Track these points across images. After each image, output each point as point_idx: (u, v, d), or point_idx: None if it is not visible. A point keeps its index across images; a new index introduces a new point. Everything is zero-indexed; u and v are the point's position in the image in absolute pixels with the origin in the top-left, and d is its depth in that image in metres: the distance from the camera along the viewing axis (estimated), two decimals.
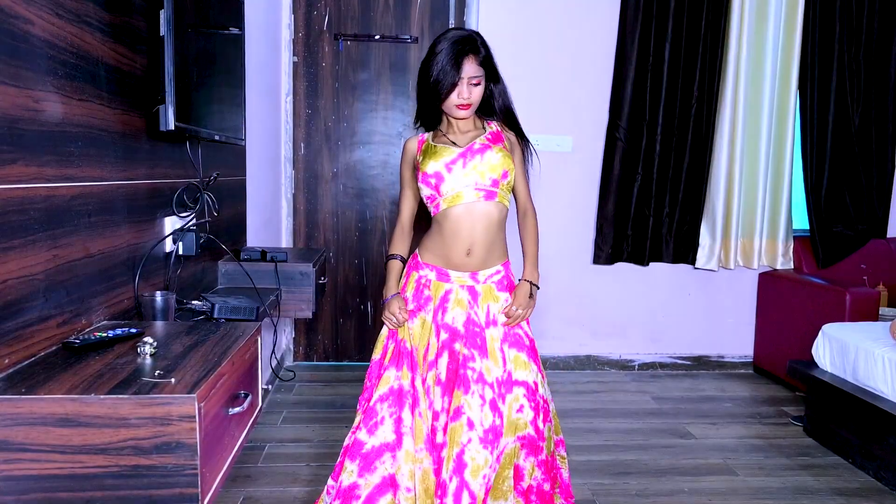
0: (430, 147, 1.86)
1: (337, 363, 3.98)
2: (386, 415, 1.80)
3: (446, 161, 1.80)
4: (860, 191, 3.91)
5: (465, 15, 3.80)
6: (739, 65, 3.73)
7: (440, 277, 1.85)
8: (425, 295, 1.86)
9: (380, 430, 1.79)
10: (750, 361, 4.07)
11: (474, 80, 1.77)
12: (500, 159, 1.81)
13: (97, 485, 1.14)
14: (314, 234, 3.90)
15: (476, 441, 1.71)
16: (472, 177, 1.79)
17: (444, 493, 1.70)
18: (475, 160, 1.80)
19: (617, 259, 3.89)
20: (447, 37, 1.77)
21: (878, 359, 2.68)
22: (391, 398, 1.81)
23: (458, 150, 1.81)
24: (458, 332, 1.81)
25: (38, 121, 1.34)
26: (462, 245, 1.82)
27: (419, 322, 1.85)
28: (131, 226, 1.77)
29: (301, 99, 3.81)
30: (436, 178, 1.80)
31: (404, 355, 1.84)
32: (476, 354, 1.78)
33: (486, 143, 1.82)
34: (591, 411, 3.32)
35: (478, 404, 1.74)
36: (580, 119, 3.82)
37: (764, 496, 2.49)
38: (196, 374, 1.23)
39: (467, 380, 1.76)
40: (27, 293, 1.30)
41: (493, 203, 1.82)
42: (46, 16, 1.36)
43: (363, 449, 1.78)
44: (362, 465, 1.77)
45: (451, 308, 1.83)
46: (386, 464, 1.77)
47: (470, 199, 1.80)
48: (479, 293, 1.84)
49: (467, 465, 1.71)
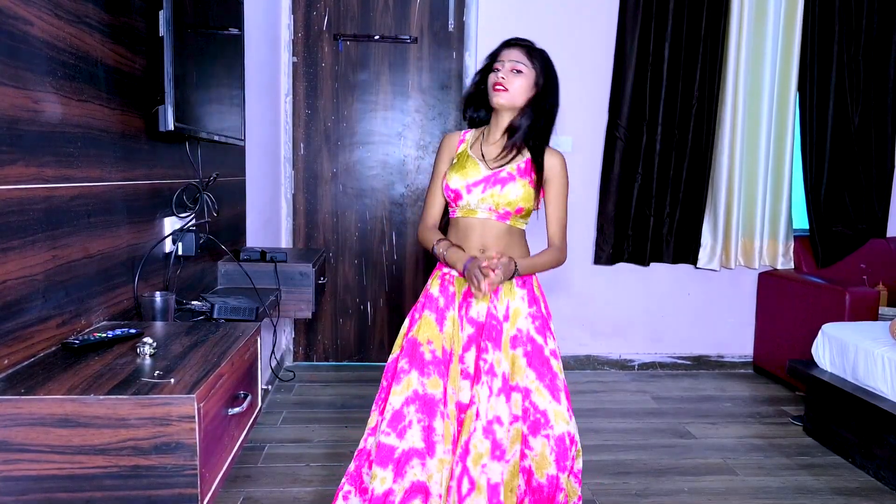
0: (465, 155, 1.88)
1: (337, 363, 3.98)
2: (414, 419, 1.75)
3: (468, 182, 1.83)
4: (860, 190, 3.91)
5: (464, 15, 3.80)
6: (739, 64, 3.73)
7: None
8: (450, 291, 1.86)
9: (409, 434, 1.74)
10: (750, 361, 4.07)
11: (517, 65, 1.79)
12: (519, 196, 1.81)
13: (96, 485, 1.14)
14: (314, 234, 3.90)
15: (479, 430, 1.72)
16: (487, 202, 1.82)
17: (451, 477, 1.73)
18: (495, 189, 1.81)
19: (618, 259, 3.89)
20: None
21: (878, 358, 2.68)
22: (418, 403, 1.76)
23: (484, 174, 1.82)
24: (480, 325, 1.82)
25: (37, 121, 1.34)
26: (475, 245, 1.85)
27: (450, 322, 1.83)
28: (131, 226, 1.77)
29: (300, 99, 3.81)
30: (454, 194, 1.85)
31: (433, 363, 1.79)
32: (490, 346, 1.78)
33: (513, 175, 1.82)
34: (591, 411, 3.32)
35: (485, 395, 1.74)
36: (580, 119, 3.82)
37: (764, 496, 2.49)
38: (195, 375, 1.23)
39: (479, 371, 1.77)
40: (27, 294, 1.30)
41: (506, 224, 1.85)
42: (46, 16, 1.36)
43: (395, 454, 1.73)
44: (396, 470, 1.72)
45: (476, 303, 1.83)
46: (415, 469, 1.73)
47: (483, 216, 1.84)
48: (500, 288, 1.83)
49: (470, 453, 1.72)
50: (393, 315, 3.96)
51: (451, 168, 1.87)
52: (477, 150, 1.88)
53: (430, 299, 1.87)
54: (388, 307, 3.96)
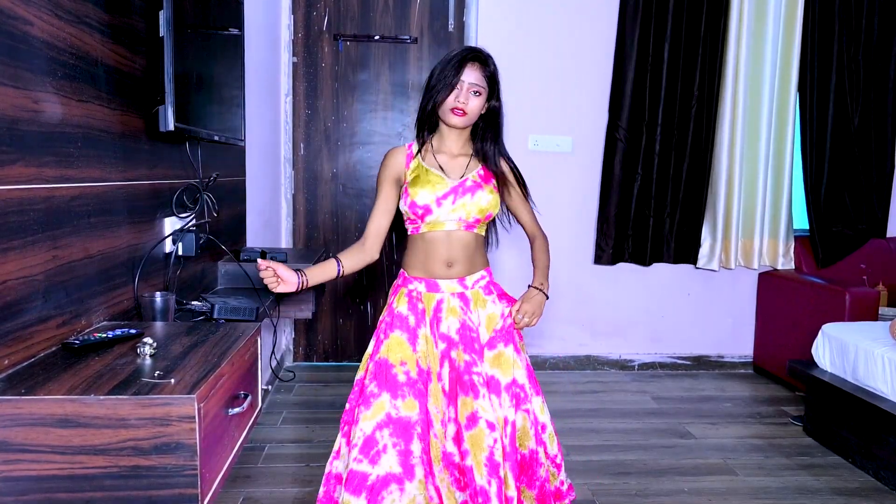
0: (422, 169, 1.81)
1: (337, 363, 3.98)
2: (388, 443, 1.71)
3: (437, 195, 1.77)
4: (860, 191, 3.91)
5: (464, 15, 3.80)
6: (739, 65, 3.73)
7: (430, 288, 1.83)
8: (419, 308, 1.82)
9: (383, 459, 1.70)
10: (750, 361, 4.07)
11: (475, 87, 1.75)
12: (489, 202, 1.80)
13: (97, 485, 1.14)
14: (314, 234, 3.90)
15: (499, 441, 1.72)
16: (458, 213, 1.79)
17: (488, 498, 1.68)
18: (465, 198, 1.78)
19: (618, 259, 3.89)
20: (460, 47, 1.82)
21: (878, 358, 2.68)
22: (391, 427, 1.72)
23: (451, 185, 1.79)
24: (453, 340, 1.79)
25: (37, 121, 1.34)
26: (441, 260, 1.81)
27: (423, 340, 1.80)
28: (131, 226, 1.77)
29: (300, 99, 3.81)
30: (423, 210, 1.78)
31: (408, 384, 1.76)
32: (477, 359, 1.77)
33: (478, 182, 1.81)
34: (591, 411, 3.32)
35: (489, 406, 1.73)
36: (580, 119, 3.83)
37: (764, 496, 2.49)
38: (196, 375, 1.23)
39: (475, 385, 1.74)
40: (27, 294, 1.30)
41: (472, 232, 1.83)
42: (46, 16, 1.36)
43: (368, 481, 1.69)
44: (370, 498, 1.68)
45: (445, 318, 1.80)
46: (394, 495, 1.70)
47: (451, 228, 1.80)
48: (470, 298, 1.83)
49: (500, 465, 1.70)
50: None
51: (413, 184, 1.79)
52: (432, 163, 1.82)
53: (399, 318, 1.82)
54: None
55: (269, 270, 1.71)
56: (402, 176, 1.83)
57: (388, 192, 1.85)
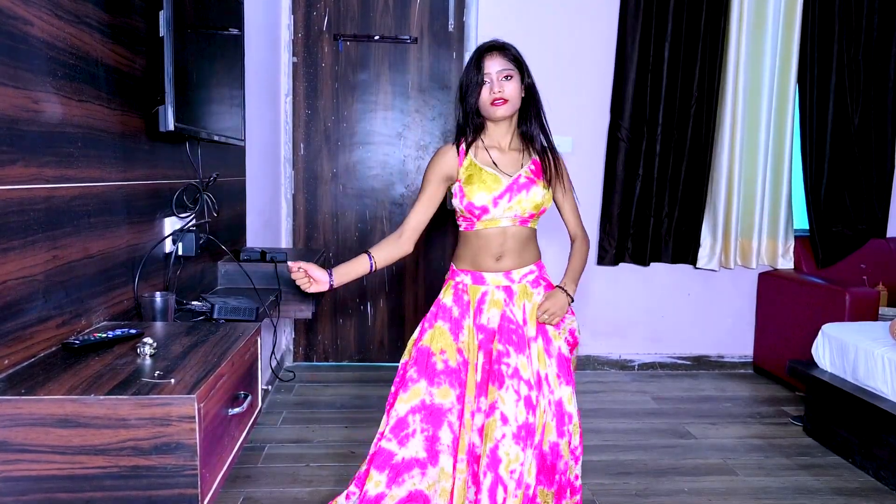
0: (475, 168, 1.81)
1: (337, 363, 3.98)
2: (418, 428, 1.76)
3: (494, 196, 1.79)
4: (860, 191, 3.91)
5: (464, 16, 3.80)
6: (739, 64, 3.73)
7: (476, 281, 1.85)
8: (465, 300, 1.85)
9: (411, 443, 1.75)
10: (750, 361, 4.07)
11: (505, 72, 1.77)
12: (542, 197, 1.83)
13: (97, 485, 1.14)
14: (314, 234, 3.90)
15: (509, 437, 1.70)
16: (514, 210, 1.81)
17: (479, 489, 1.69)
18: (520, 195, 1.81)
19: (620, 259, 3.89)
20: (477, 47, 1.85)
21: (878, 359, 2.68)
22: (423, 413, 1.77)
23: (506, 183, 1.80)
24: (492, 331, 1.81)
25: (37, 122, 1.34)
26: (492, 254, 1.84)
27: (466, 331, 1.83)
28: (131, 226, 1.77)
29: (300, 99, 3.81)
30: (481, 210, 1.80)
31: (445, 373, 1.79)
32: (511, 350, 1.77)
33: (531, 178, 1.83)
34: (591, 411, 3.32)
35: (512, 399, 1.72)
36: (580, 119, 3.82)
37: (764, 496, 2.49)
38: (196, 375, 1.23)
39: (502, 375, 1.75)
40: (27, 294, 1.30)
41: (526, 227, 1.86)
42: (46, 16, 1.36)
43: (393, 460, 1.75)
44: (391, 476, 1.74)
45: (487, 309, 1.83)
46: (415, 478, 1.74)
47: (506, 224, 1.83)
48: (515, 292, 1.84)
49: (501, 461, 1.69)
50: (393, 315, 3.96)
51: (468, 183, 1.80)
52: (485, 160, 1.83)
53: (444, 309, 1.87)
54: (388, 307, 3.96)
55: (301, 272, 1.74)
56: (453, 175, 1.85)
57: (434, 188, 1.86)
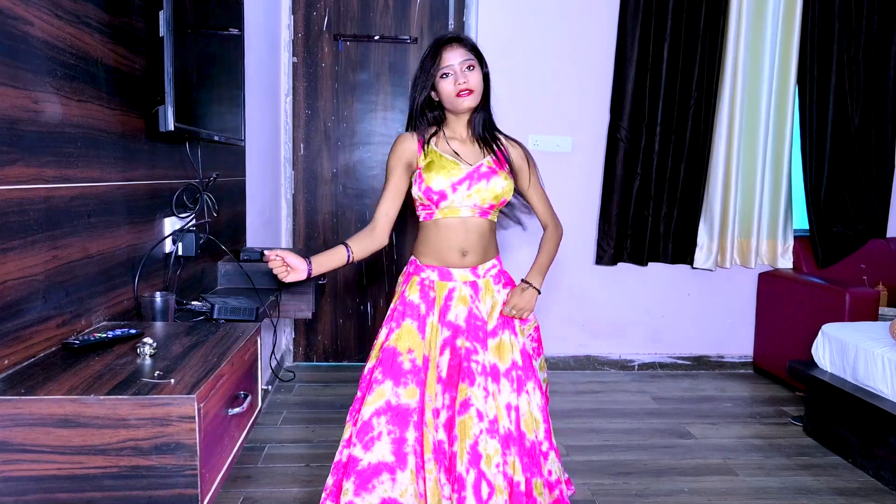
0: (435, 155, 1.81)
1: (337, 363, 3.98)
2: (384, 430, 1.72)
3: (453, 181, 1.78)
4: (860, 191, 3.91)
5: (464, 16, 3.80)
6: (737, 64, 3.73)
7: (443, 277, 1.84)
8: (431, 297, 1.83)
9: (377, 447, 1.72)
10: (750, 361, 4.07)
11: (467, 63, 1.76)
12: (503, 188, 1.81)
13: (97, 485, 1.14)
14: (314, 234, 3.90)
15: (485, 432, 1.70)
16: (473, 199, 1.79)
17: (462, 486, 1.66)
18: (480, 184, 1.79)
19: (619, 259, 3.89)
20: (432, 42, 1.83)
21: (878, 359, 2.68)
22: (389, 414, 1.73)
23: (466, 170, 1.79)
24: (459, 328, 1.80)
25: (37, 122, 1.34)
26: (457, 248, 1.82)
27: (429, 328, 1.81)
28: (131, 226, 1.77)
29: (300, 99, 3.81)
30: (438, 195, 1.78)
31: (412, 372, 1.77)
32: (479, 347, 1.77)
33: (493, 168, 1.81)
34: (591, 411, 3.32)
35: (482, 395, 1.72)
36: (579, 119, 3.82)
37: (764, 496, 2.49)
38: (195, 375, 1.23)
39: (472, 372, 1.74)
40: (27, 294, 1.30)
41: (486, 219, 1.84)
42: (45, 16, 1.36)
43: (358, 466, 1.71)
44: (358, 482, 1.70)
45: (455, 306, 1.81)
46: (385, 485, 1.70)
47: (465, 214, 1.81)
48: (481, 287, 1.84)
49: (482, 456, 1.68)
50: None
51: (427, 170, 1.79)
52: (446, 149, 1.82)
53: (411, 307, 1.84)
54: (388, 307, 3.95)
55: (279, 260, 1.72)
56: (413, 161, 1.83)
57: (398, 176, 1.84)
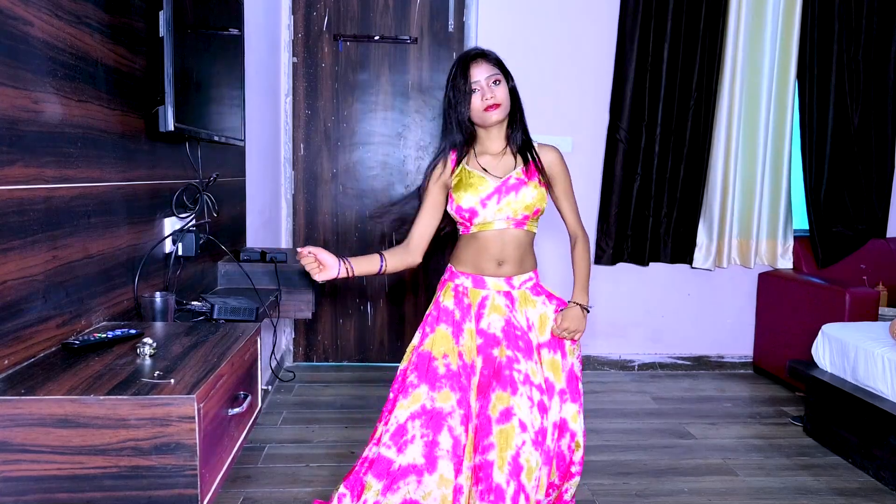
0: (465, 173, 1.82)
1: (337, 364, 3.98)
2: (417, 434, 1.74)
3: (482, 197, 1.79)
4: (860, 191, 3.91)
5: (464, 16, 3.80)
6: (737, 64, 3.73)
7: (476, 284, 1.84)
8: (465, 303, 1.84)
9: (409, 450, 1.73)
10: (750, 361, 4.07)
11: (493, 77, 1.77)
12: (534, 198, 1.81)
13: (97, 485, 1.14)
14: (314, 234, 3.90)
15: (529, 443, 1.69)
16: (504, 212, 1.80)
17: (501, 497, 1.64)
18: (509, 197, 1.79)
19: (618, 259, 3.89)
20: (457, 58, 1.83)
21: (878, 359, 2.68)
22: (424, 418, 1.75)
23: (494, 185, 1.79)
24: (494, 336, 1.80)
25: (37, 122, 1.34)
26: (493, 259, 1.83)
27: (467, 335, 1.82)
28: (131, 227, 1.77)
29: (300, 99, 3.81)
30: (469, 213, 1.80)
31: (447, 377, 1.77)
32: (520, 356, 1.76)
33: (522, 179, 1.81)
34: (590, 411, 3.31)
35: (527, 406, 1.71)
36: (579, 119, 3.83)
37: (764, 496, 2.49)
38: (195, 375, 1.23)
39: (514, 381, 1.73)
40: (27, 294, 1.30)
41: (523, 230, 1.84)
42: (45, 17, 1.36)
43: (391, 467, 1.73)
44: (387, 483, 1.72)
45: (488, 314, 1.82)
46: (410, 486, 1.71)
47: (500, 227, 1.81)
48: (516, 298, 1.84)
49: (523, 468, 1.67)
50: (393, 316, 3.96)
51: (456, 189, 1.81)
52: (475, 166, 1.84)
53: (445, 312, 1.85)
54: (388, 307, 3.96)
55: (311, 256, 1.72)
56: (447, 181, 1.85)
57: (433, 195, 1.87)
